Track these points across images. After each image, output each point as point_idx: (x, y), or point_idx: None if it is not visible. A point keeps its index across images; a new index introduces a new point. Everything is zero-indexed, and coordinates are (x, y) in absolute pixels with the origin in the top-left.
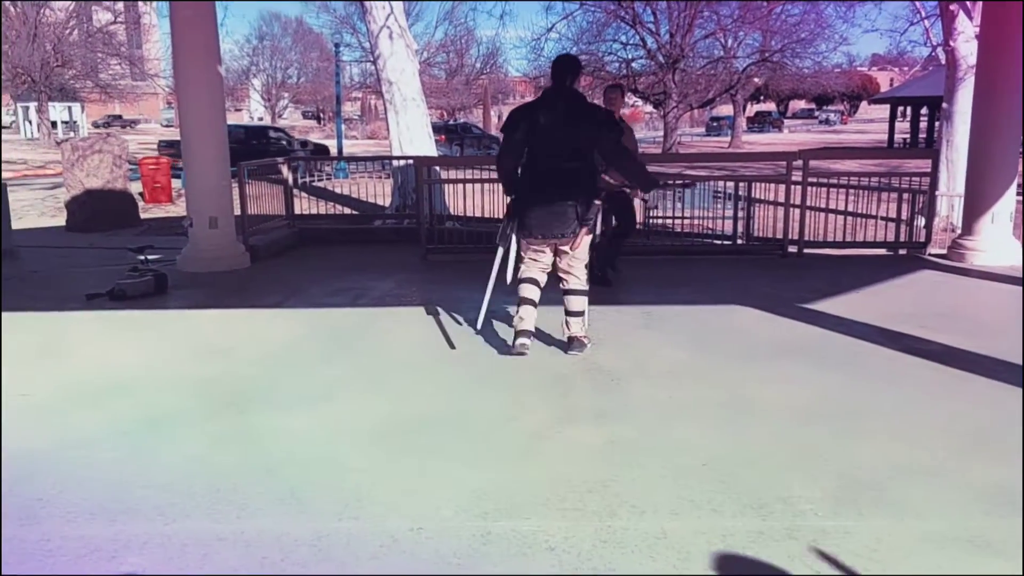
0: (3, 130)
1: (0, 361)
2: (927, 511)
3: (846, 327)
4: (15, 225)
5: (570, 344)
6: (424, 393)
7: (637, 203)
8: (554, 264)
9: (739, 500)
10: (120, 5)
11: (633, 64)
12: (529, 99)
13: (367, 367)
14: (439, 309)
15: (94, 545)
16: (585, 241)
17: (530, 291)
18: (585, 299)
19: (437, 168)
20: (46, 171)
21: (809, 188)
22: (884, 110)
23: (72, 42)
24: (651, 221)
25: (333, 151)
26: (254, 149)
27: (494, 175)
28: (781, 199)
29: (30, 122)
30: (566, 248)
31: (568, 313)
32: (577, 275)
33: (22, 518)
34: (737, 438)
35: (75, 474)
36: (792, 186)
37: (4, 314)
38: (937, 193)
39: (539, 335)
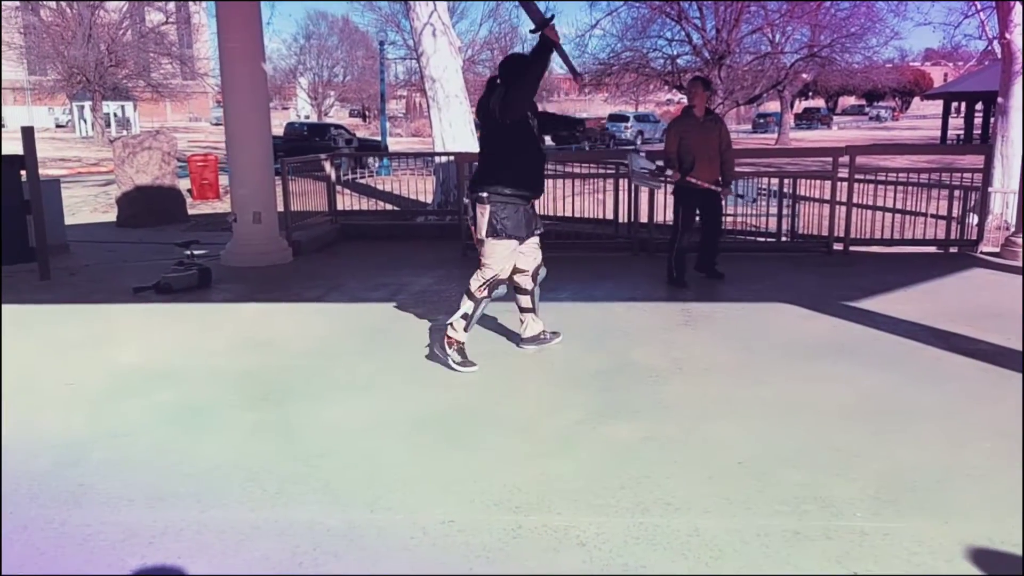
0: (59, 128)
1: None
2: (973, 514)
3: (893, 326)
4: (68, 221)
5: (437, 343)
6: (461, 387)
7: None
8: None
9: (775, 499)
10: (171, 5)
11: (678, 60)
12: (573, 97)
13: (404, 361)
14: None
15: (132, 531)
16: (486, 242)
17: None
18: (464, 301)
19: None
20: (99, 168)
21: (856, 185)
22: (937, 106)
23: (125, 42)
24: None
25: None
26: (316, 146)
27: None
28: (827, 196)
29: (84, 120)
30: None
31: (524, 311)
32: (477, 271)
33: (66, 502)
34: (775, 437)
35: (117, 461)
36: (839, 183)
37: (54, 306)
38: (990, 190)
39: (575, 332)
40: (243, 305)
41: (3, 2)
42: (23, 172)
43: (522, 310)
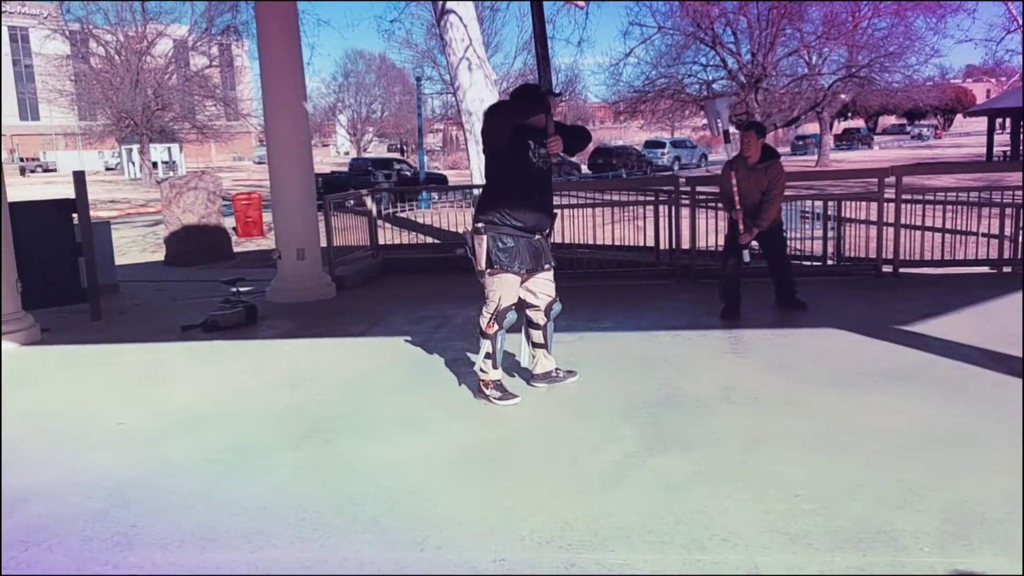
0: (108, 171)
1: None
2: None
3: (949, 350)
4: (118, 260)
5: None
6: (507, 420)
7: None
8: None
9: (836, 533)
10: (215, 49)
11: (714, 85)
12: (608, 124)
13: (449, 394)
14: (520, 336)
15: (184, 572)
16: (485, 275)
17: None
18: (481, 341)
19: None
20: (148, 209)
21: (903, 205)
22: (981, 123)
23: (171, 87)
24: None
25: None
26: (377, 181)
27: (575, 201)
28: (873, 217)
29: (133, 163)
30: None
31: (536, 346)
32: (483, 307)
33: (118, 544)
34: (832, 468)
35: (168, 501)
36: (885, 204)
37: (105, 346)
38: None
39: (619, 361)
40: (289, 341)
41: (55, 52)
42: (75, 215)
43: (534, 345)
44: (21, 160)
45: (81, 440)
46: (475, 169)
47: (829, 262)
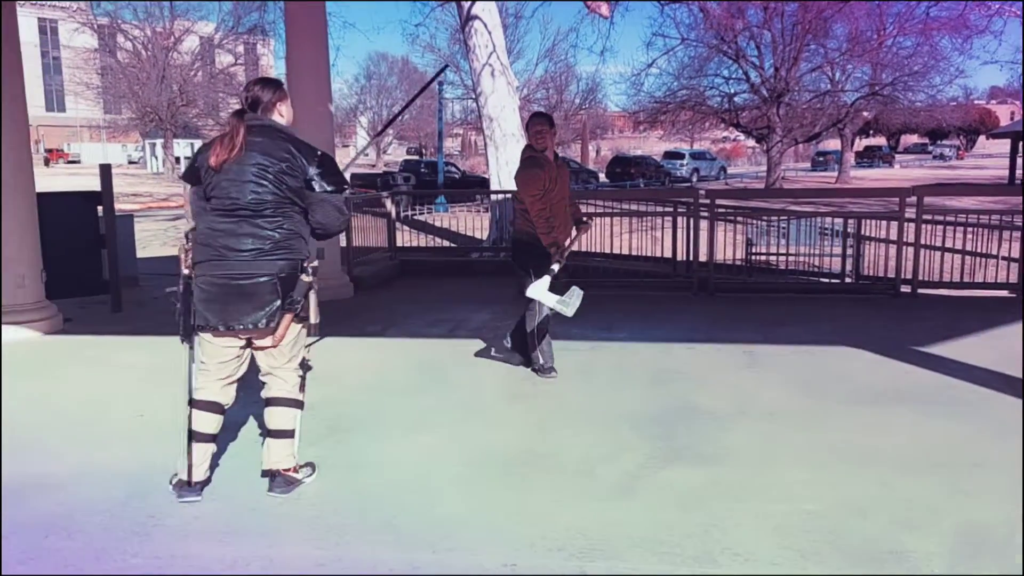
0: (131, 164)
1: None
2: None
3: (965, 373)
4: (139, 254)
5: (272, 480)
6: (519, 426)
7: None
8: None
9: (846, 551)
10: (240, 48)
11: (736, 98)
12: (627, 134)
13: (463, 397)
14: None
15: (201, 564)
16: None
17: (210, 422)
18: (297, 413)
19: None
20: (169, 203)
21: (923, 226)
22: (1004, 145)
23: (196, 83)
24: (752, 258)
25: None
26: (427, 180)
27: (591, 209)
28: (892, 236)
29: (156, 157)
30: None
31: (270, 433)
32: (283, 377)
33: (137, 534)
34: (845, 486)
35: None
36: (905, 223)
37: (125, 338)
38: None
39: (634, 372)
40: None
41: (83, 45)
42: (99, 207)
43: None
44: (47, 152)
45: (101, 430)
46: (494, 174)
47: (847, 280)
